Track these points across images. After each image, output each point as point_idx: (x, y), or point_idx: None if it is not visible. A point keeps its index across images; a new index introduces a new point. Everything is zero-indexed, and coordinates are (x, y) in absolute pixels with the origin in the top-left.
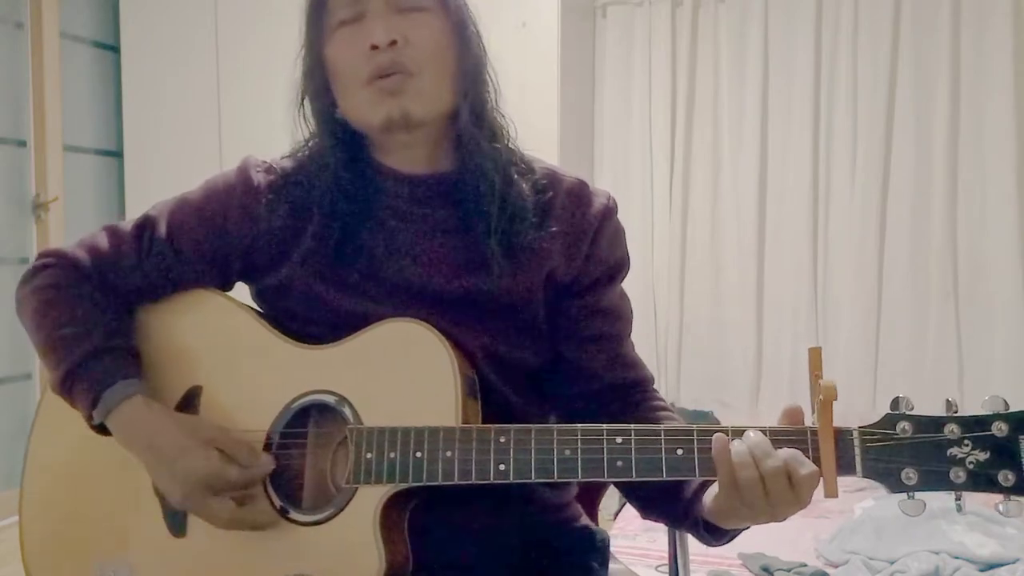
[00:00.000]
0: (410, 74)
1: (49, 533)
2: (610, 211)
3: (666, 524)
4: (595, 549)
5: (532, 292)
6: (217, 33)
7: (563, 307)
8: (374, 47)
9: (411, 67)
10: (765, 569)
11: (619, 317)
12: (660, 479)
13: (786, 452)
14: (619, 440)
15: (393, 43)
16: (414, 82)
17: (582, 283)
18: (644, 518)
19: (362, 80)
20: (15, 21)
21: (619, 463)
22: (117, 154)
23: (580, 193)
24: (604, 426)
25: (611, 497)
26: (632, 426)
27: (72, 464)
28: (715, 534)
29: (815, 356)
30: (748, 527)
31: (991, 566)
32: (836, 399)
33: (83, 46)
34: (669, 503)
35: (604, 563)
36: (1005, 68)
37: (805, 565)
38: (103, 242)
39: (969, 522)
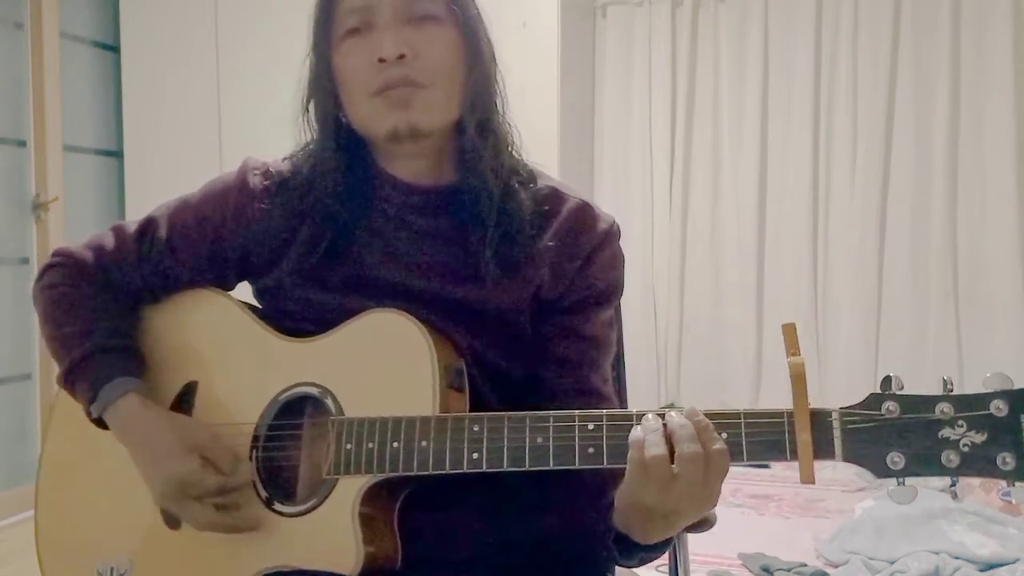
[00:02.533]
0: (419, 86)
1: (58, 527)
2: (610, 236)
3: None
4: (599, 556)
5: (521, 304)
6: (217, 33)
7: (542, 324)
8: (382, 60)
9: (420, 80)
10: (765, 569)
11: (597, 345)
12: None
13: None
14: (591, 427)
15: (402, 56)
16: (422, 94)
17: (565, 302)
18: None
19: (369, 92)
20: (15, 21)
21: (591, 449)
22: (117, 154)
23: (582, 213)
24: (576, 412)
25: None
26: (604, 412)
27: (80, 459)
28: (624, 551)
29: (789, 333)
30: (657, 548)
31: (991, 566)
32: (804, 375)
33: (83, 46)
34: (587, 508)
35: (611, 571)
36: (1005, 68)
37: (805, 565)
38: (109, 242)
39: (969, 522)
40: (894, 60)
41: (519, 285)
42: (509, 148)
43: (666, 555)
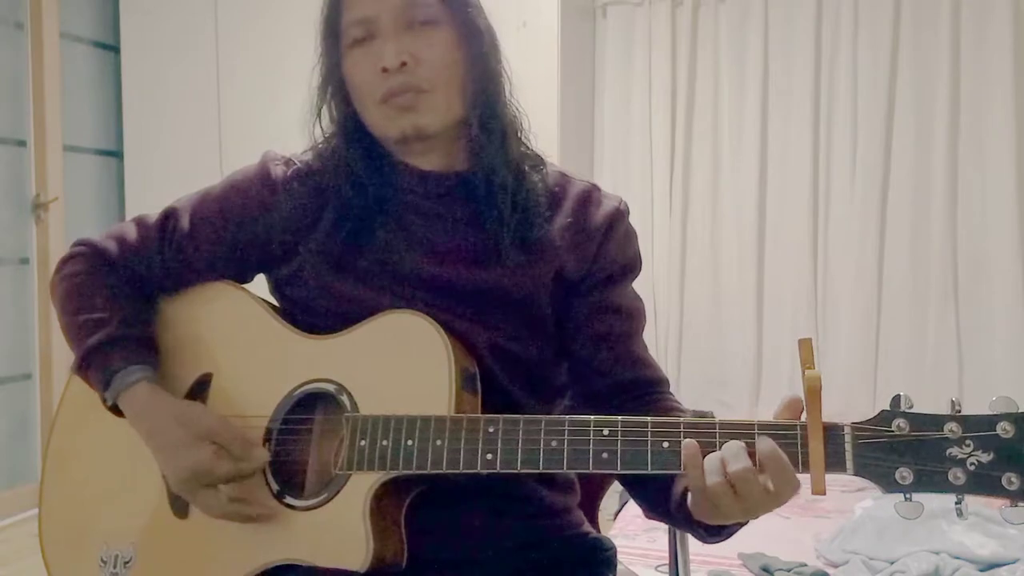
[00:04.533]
0: (422, 91)
1: (63, 515)
2: (620, 214)
3: (666, 523)
4: (602, 560)
5: (541, 287)
6: (217, 33)
7: (572, 305)
8: (385, 69)
9: (423, 86)
10: (765, 569)
11: (630, 315)
12: (645, 472)
13: (740, 445)
14: (606, 432)
15: (403, 64)
16: (426, 98)
17: (591, 281)
18: (648, 517)
19: (376, 99)
20: (15, 21)
21: (604, 455)
22: (117, 154)
23: (590, 195)
24: (592, 417)
25: (610, 497)
26: (619, 418)
27: (86, 449)
28: (710, 531)
29: (805, 347)
30: (740, 524)
31: (991, 566)
32: (820, 389)
33: (83, 46)
34: (665, 501)
35: (612, 572)
36: (1005, 68)
37: (805, 565)
38: (131, 233)
39: (969, 522)
40: (894, 60)
41: (538, 267)
42: (518, 134)
43: (666, 555)
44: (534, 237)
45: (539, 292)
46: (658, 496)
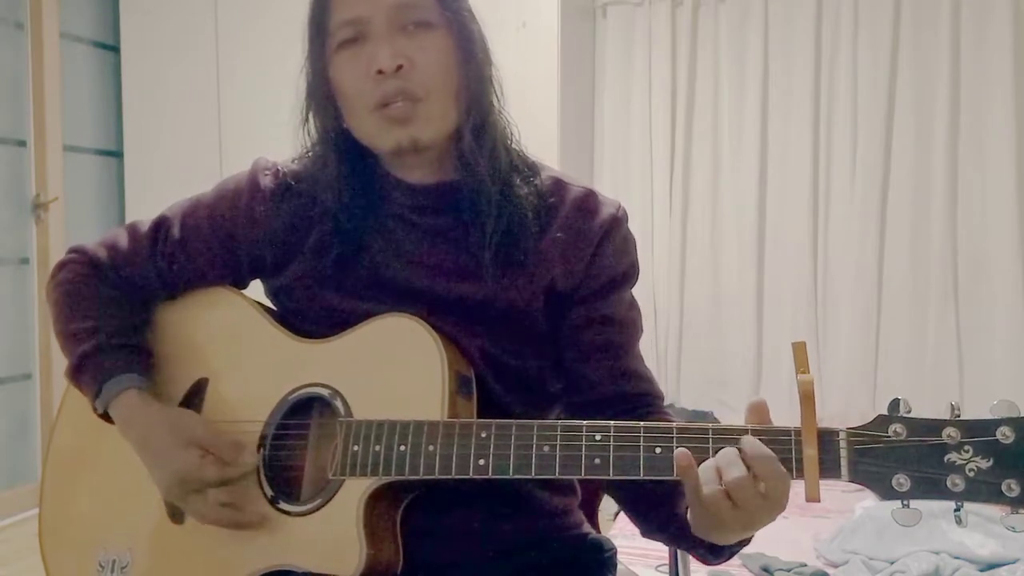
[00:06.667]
0: (417, 100)
1: (62, 518)
2: (617, 220)
3: (665, 543)
4: (602, 560)
5: (531, 299)
6: (217, 33)
7: (564, 315)
8: (380, 72)
9: (418, 93)
10: (765, 569)
11: (623, 327)
12: (638, 478)
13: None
14: (598, 437)
15: (399, 68)
16: (422, 108)
17: (584, 291)
18: (644, 536)
19: (369, 106)
20: (15, 21)
21: (597, 460)
22: (117, 154)
23: (586, 202)
24: (584, 423)
25: (610, 498)
26: (612, 423)
27: (87, 452)
28: (712, 551)
29: (799, 351)
30: (742, 541)
31: (991, 566)
32: (813, 394)
33: (83, 46)
34: (665, 520)
35: (613, 573)
36: (1005, 68)
37: (805, 565)
38: (123, 241)
39: (969, 522)
40: (894, 60)
41: (527, 282)
42: (508, 142)
43: (666, 555)
44: (522, 252)
45: (529, 306)
46: (657, 515)
